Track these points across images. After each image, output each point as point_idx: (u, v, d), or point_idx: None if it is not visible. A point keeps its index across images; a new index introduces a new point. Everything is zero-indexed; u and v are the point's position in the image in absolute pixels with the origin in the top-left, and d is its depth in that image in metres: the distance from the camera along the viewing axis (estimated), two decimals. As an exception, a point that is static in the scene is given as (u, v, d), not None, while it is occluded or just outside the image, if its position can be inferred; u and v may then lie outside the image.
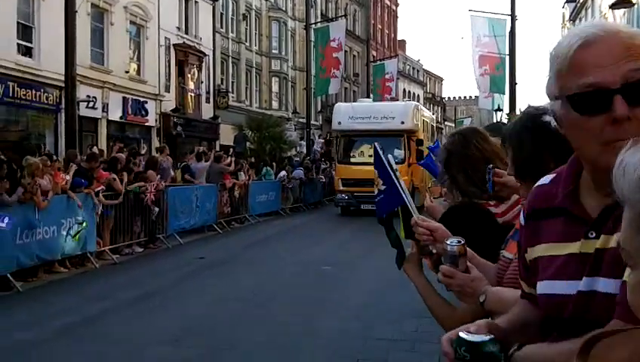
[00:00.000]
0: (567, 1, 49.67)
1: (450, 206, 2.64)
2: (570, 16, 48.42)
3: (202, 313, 8.10)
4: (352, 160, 21.89)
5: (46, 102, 20.32)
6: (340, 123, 22.34)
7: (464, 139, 2.59)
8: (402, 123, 21.33)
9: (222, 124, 31.94)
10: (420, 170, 20.66)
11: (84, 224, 11.01)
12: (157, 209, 13.60)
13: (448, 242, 1.92)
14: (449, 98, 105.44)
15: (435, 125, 32.86)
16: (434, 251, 2.24)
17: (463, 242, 1.91)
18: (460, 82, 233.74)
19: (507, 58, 29.79)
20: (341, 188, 21.62)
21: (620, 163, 0.93)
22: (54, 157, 13.27)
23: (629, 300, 0.97)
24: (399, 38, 72.73)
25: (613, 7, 15.37)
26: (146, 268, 11.46)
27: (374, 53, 57.42)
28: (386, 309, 8.13)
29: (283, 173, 23.38)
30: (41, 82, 19.89)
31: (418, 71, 79.31)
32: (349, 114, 22.24)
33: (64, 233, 10.59)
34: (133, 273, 10.98)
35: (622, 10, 16.30)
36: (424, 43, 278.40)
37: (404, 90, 62.67)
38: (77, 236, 10.86)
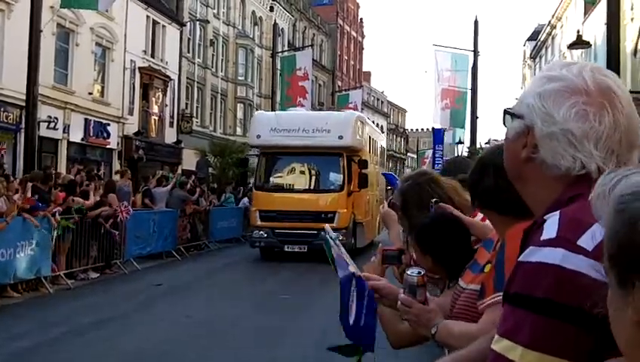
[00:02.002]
0: (528, 40, 51.05)
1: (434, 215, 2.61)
2: (530, 53, 49.76)
3: (158, 341, 7.96)
4: (275, 184, 17.01)
5: (6, 121, 19.98)
6: (259, 136, 16.97)
7: (415, 182, 2.69)
8: (340, 138, 16.26)
9: (185, 149, 31.78)
10: (364, 201, 17.94)
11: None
12: (117, 232, 13.40)
13: (409, 272, 1.95)
14: (412, 130, 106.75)
15: (385, 146, 30.13)
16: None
17: (422, 273, 1.95)
18: (423, 114, 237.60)
19: (469, 92, 30.37)
20: (259, 223, 16.32)
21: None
22: (11, 178, 12.99)
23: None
24: (364, 69, 73.87)
25: (571, 47, 16.01)
26: (101, 294, 11.25)
27: (339, 83, 58.07)
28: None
29: (245, 200, 23.22)
30: (2, 101, 19.57)
31: (382, 102, 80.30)
32: (271, 125, 16.96)
33: (18, 256, 10.34)
34: (89, 299, 10.76)
35: (579, 51, 16.96)
36: (389, 75, 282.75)
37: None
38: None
